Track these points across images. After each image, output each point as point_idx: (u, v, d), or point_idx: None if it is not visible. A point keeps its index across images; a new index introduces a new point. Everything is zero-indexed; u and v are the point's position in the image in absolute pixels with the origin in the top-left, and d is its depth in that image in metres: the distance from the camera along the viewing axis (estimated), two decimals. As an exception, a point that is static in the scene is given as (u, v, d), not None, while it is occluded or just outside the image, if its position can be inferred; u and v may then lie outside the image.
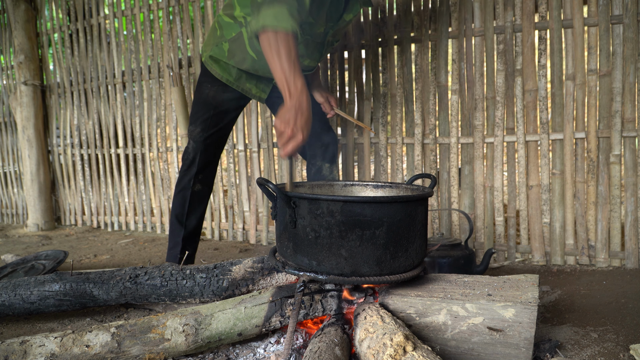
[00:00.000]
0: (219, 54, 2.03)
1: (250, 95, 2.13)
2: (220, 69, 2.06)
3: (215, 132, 2.14)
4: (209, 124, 2.12)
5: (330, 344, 1.24)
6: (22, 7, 3.73)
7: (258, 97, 2.14)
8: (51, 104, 3.92)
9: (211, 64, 2.07)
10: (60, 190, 4.00)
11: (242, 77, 2.08)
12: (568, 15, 2.30)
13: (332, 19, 1.94)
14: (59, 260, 2.34)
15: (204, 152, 2.15)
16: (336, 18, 1.95)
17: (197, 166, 2.15)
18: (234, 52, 1.99)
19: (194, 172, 2.16)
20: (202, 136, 2.13)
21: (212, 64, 2.07)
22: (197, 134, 2.13)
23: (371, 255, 1.34)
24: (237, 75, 2.07)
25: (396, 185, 1.73)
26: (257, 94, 2.13)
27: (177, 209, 2.20)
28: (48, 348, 1.34)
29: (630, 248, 2.26)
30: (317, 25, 1.88)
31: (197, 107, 2.14)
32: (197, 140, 2.13)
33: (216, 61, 2.06)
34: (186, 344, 1.40)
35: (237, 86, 2.09)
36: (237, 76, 2.07)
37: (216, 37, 2.04)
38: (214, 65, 2.07)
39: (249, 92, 2.11)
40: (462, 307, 1.31)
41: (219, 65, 2.06)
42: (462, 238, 2.57)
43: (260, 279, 1.70)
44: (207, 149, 2.15)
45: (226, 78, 2.07)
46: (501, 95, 2.45)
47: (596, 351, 1.42)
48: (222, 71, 2.06)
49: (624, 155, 2.25)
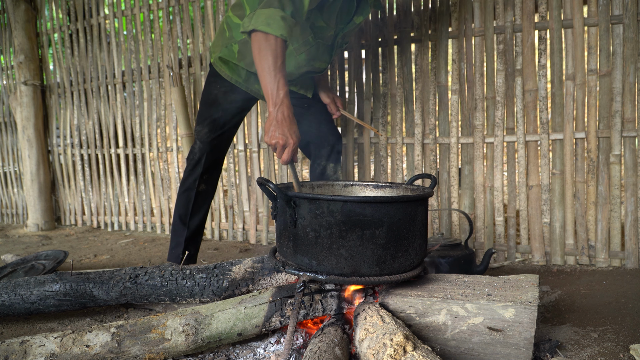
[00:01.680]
0: (229, 55, 2.01)
1: (259, 97, 2.11)
2: (230, 70, 2.05)
3: (222, 133, 2.14)
4: (217, 125, 2.11)
5: (330, 344, 1.24)
6: (22, 7, 3.73)
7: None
8: (51, 104, 3.92)
9: (220, 65, 2.06)
10: (60, 190, 4.00)
11: (251, 79, 2.06)
12: (568, 15, 2.30)
13: (343, 22, 1.93)
14: (59, 260, 2.35)
15: (210, 153, 2.15)
16: (347, 20, 1.94)
17: (203, 167, 2.15)
18: (245, 54, 1.97)
19: (199, 173, 2.16)
20: (209, 137, 2.12)
21: (221, 65, 2.05)
22: (204, 135, 2.12)
23: (371, 255, 1.35)
24: (246, 77, 2.05)
25: (396, 185, 1.73)
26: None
27: (181, 209, 2.20)
28: (48, 348, 1.34)
29: (630, 248, 2.26)
30: (328, 28, 1.88)
31: (204, 108, 2.13)
32: (204, 140, 2.13)
33: (225, 62, 2.05)
34: (186, 344, 1.40)
35: (247, 87, 2.07)
36: (246, 77, 2.05)
37: (225, 38, 2.02)
38: (223, 67, 2.05)
39: (258, 94, 2.10)
40: (462, 307, 1.32)
41: (228, 66, 2.05)
42: (462, 238, 2.57)
43: (260, 279, 1.70)
44: (214, 150, 2.15)
45: (235, 79, 2.05)
46: (501, 95, 2.45)
47: (596, 351, 1.42)
48: (231, 72, 2.05)
49: (624, 155, 2.25)
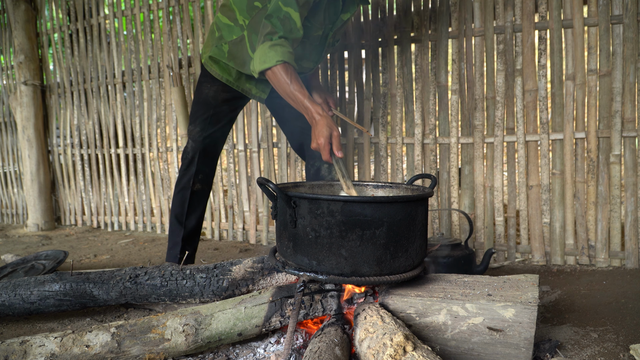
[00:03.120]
0: (219, 54, 2.05)
1: (250, 96, 2.14)
2: (220, 69, 2.08)
3: (214, 131, 2.15)
4: (208, 123, 2.13)
5: (330, 344, 1.23)
6: (22, 7, 3.73)
7: (258, 97, 2.15)
8: (51, 104, 3.92)
9: (211, 64, 2.09)
10: (60, 190, 4.00)
11: (242, 78, 2.09)
12: (568, 15, 2.30)
13: (330, 20, 1.94)
14: (59, 260, 2.34)
15: (203, 152, 2.16)
16: (334, 19, 1.95)
17: (197, 165, 2.16)
18: (235, 55, 2.01)
19: (193, 172, 2.17)
20: (201, 135, 2.14)
21: (212, 64, 2.08)
22: (196, 134, 2.14)
23: (371, 255, 1.34)
24: (237, 76, 2.09)
25: (396, 185, 1.73)
26: (257, 94, 2.14)
27: (177, 208, 2.21)
28: (48, 348, 1.34)
29: (630, 248, 2.26)
30: (313, 28, 1.90)
31: (196, 107, 2.16)
32: (196, 139, 2.14)
33: (216, 62, 2.08)
34: (186, 344, 1.40)
35: (237, 86, 2.10)
36: (236, 76, 2.09)
37: (215, 39, 2.06)
38: (213, 66, 2.08)
39: (249, 92, 2.13)
40: (462, 307, 1.31)
41: (218, 65, 2.08)
42: (462, 238, 2.57)
43: (260, 279, 1.70)
44: (206, 149, 2.16)
45: (226, 78, 2.08)
46: (501, 95, 2.45)
47: (596, 351, 1.42)
48: (221, 71, 2.08)
49: (624, 155, 2.25)
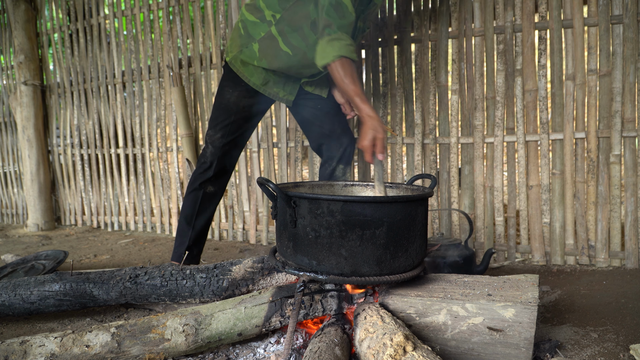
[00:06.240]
0: (250, 56, 1.99)
1: (277, 99, 2.09)
2: (249, 72, 2.03)
3: (234, 138, 2.12)
4: (230, 130, 2.10)
5: (330, 344, 1.24)
6: (22, 7, 3.73)
7: (286, 99, 2.09)
8: (51, 104, 3.92)
9: (239, 66, 2.03)
10: (60, 190, 4.00)
11: (269, 82, 2.04)
12: (568, 15, 2.30)
13: (363, 3, 1.90)
14: (59, 260, 2.34)
15: (222, 158, 2.14)
16: (366, 2, 1.91)
17: (214, 170, 2.14)
18: (266, 51, 1.96)
19: (209, 176, 2.14)
20: (221, 142, 2.11)
21: (240, 66, 2.03)
22: (217, 140, 2.11)
23: (371, 255, 1.34)
24: (264, 80, 2.03)
25: (396, 185, 1.73)
26: (284, 97, 2.08)
27: (187, 209, 2.19)
28: (48, 348, 1.34)
29: (630, 248, 2.26)
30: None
31: (217, 112, 2.11)
32: (217, 145, 2.11)
33: (245, 64, 2.02)
34: (186, 344, 1.40)
35: (264, 90, 2.05)
36: (264, 81, 2.03)
37: (242, 38, 2.00)
38: (242, 68, 2.03)
39: (276, 96, 2.07)
40: (462, 307, 1.32)
41: (247, 68, 2.02)
42: (462, 238, 2.57)
43: (260, 279, 1.70)
44: (226, 155, 2.14)
45: (253, 82, 2.03)
46: (501, 95, 2.45)
47: (596, 351, 1.42)
48: (250, 75, 2.03)
49: (624, 155, 2.25)
